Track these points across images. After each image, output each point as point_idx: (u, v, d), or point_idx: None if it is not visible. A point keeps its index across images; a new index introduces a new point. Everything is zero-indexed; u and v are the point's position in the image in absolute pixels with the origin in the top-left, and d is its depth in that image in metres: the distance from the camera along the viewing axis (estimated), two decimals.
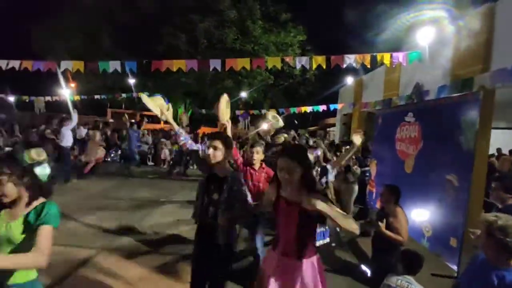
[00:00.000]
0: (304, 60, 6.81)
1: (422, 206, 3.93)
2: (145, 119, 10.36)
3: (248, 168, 3.44)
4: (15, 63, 6.53)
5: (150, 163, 12.20)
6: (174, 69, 6.64)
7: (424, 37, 6.27)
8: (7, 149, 6.13)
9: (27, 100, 15.73)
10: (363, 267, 3.82)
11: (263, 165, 3.51)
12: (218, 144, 2.22)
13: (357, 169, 6.13)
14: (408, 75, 8.83)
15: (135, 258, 3.77)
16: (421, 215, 3.93)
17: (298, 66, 7.03)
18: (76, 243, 4.03)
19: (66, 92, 14.62)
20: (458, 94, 4.51)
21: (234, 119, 18.43)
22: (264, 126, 5.24)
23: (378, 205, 4.65)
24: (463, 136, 3.30)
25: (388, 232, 3.09)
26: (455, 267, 3.21)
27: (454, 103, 3.74)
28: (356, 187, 6.02)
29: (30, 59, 6.74)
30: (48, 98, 15.41)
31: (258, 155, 3.44)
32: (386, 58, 6.56)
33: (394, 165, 4.90)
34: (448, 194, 3.45)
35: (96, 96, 16.11)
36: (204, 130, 13.76)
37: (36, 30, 14.83)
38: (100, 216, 5.26)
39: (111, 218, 5.19)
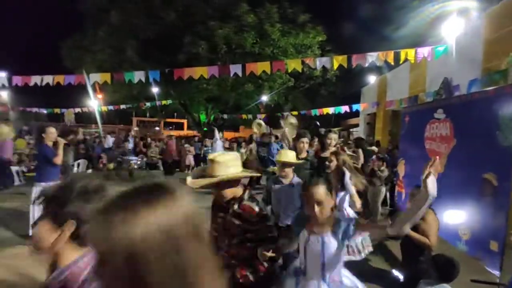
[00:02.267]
0: (324, 60, 6.72)
1: (457, 207, 3.73)
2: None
3: None
4: (48, 78, 6.92)
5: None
6: (196, 77, 6.76)
7: (451, 30, 6.00)
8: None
9: (58, 112, 16.68)
10: (395, 273, 3.66)
11: None
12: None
13: (383, 171, 5.93)
14: (434, 70, 8.47)
15: None
16: (456, 217, 3.73)
17: (319, 67, 6.94)
18: None
19: (95, 103, 15.36)
20: (493, 87, 4.26)
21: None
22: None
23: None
24: (500, 132, 3.10)
25: (413, 233, 2.93)
26: (496, 272, 3.01)
27: (489, 97, 3.52)
28: (383, 189, 5.82)
29: (58, 74, 7.13)
30: (77, 109, 16.27)
31: None
32: (410, 54, 6.33)
33: (424, 164, 4.69)
34: (486, 194, 3.25)
35: (122, 106, 16.77)
36: (226, 136, 13.86)
37: (65, 46, 15.72)
38: None
39: None
